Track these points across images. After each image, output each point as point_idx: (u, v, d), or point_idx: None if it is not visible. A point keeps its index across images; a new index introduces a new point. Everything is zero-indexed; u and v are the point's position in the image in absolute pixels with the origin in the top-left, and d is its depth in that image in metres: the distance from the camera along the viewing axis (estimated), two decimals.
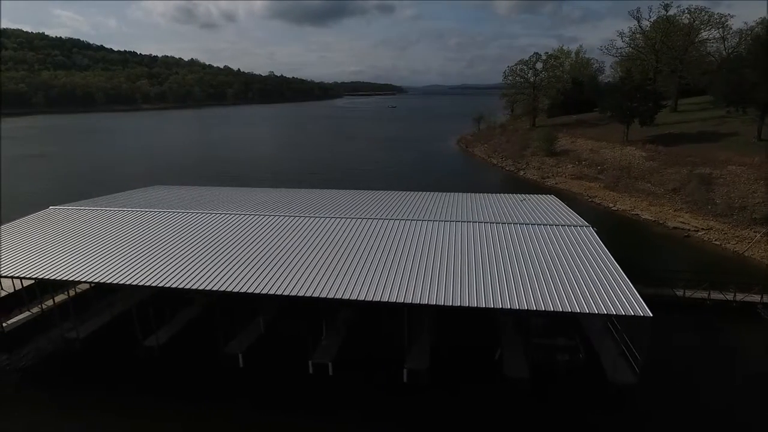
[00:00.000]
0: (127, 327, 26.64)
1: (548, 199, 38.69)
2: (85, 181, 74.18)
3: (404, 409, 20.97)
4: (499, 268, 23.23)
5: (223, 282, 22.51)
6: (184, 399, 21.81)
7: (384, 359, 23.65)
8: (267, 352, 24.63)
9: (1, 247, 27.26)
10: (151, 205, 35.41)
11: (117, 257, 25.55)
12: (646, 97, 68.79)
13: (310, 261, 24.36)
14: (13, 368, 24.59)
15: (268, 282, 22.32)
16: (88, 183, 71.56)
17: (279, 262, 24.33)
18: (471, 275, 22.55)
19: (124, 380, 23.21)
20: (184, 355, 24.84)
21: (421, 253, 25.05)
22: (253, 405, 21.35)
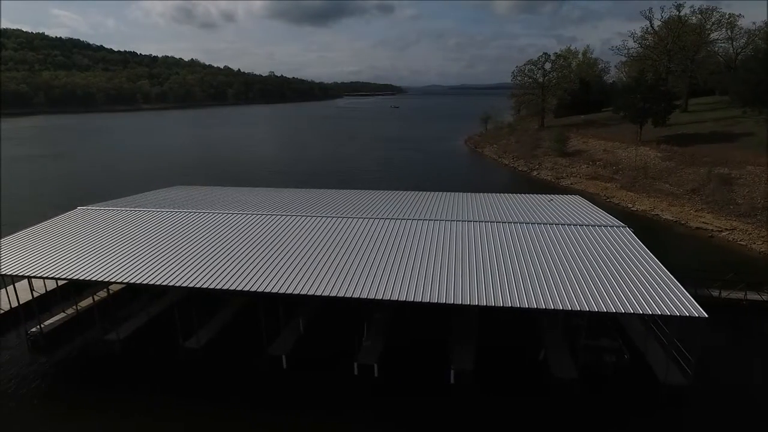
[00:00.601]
0: (166, 328, 26.58)
1: (575, 200, 38.67)
2: (101, 181, 74.19)
3: (452, 411, 20.83)
4: (543, 268, 23.18)
5: (261, 282, 22.53)
6: (229, 402, 21.63)
7: (429, 360, 23.63)
8: (310, 354, 24.48)
9: (31, 248, 27.26)
10: (176, 206, 35.33)
11: (151, 257, 25.56)
12: (660, 97, 68.79)
13: (348, 261, 24.36)
14: (52, 370, 24.41)
15: (309, 282, 22.34)
16: (105, 183, 71.61)
17: (315, 262, 24.34)
18: (516, 276, 22.52)
19: (167, 383, 23.04)
20: (226, 357, 24.70)
21: (460, 254, 25.01)
22: (300, 407, 21.18)
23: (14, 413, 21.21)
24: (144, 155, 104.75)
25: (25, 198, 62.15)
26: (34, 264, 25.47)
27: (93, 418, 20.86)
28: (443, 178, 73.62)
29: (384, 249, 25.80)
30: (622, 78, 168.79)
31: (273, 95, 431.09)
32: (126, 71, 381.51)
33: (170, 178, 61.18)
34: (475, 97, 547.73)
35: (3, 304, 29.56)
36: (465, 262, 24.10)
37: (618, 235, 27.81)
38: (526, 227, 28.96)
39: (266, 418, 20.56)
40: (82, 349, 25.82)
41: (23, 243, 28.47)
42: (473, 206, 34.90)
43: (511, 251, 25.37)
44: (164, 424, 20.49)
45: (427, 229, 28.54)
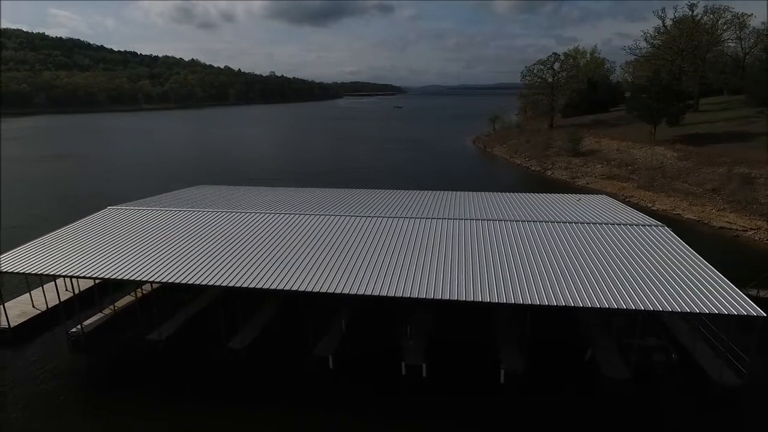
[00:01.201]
0: (207, 328, 26.52)
1: (604, 199, 38.73)
2: (129, 180, 74.34)
3: (505, 411, 20.75)
4: (588, 267, 23.16)
5: (302, 282, 22.59)
6: (277, 403, 21.47)
7: (477, 359, 23.59)
8: (356, 354, 24.39)
9: (66, 247, 27.19)
10: (204, 205, 35.27)
11: (186, 257, 25.58)
12: (675, 97, 68.88)
13: (386, 260, 24.48)
14: (94, 370, 24.29)
15: (349, 281, 22.41)
16: (133, 182, 71.70)
17: (352, 261, 24.41)
18: (563, 274, 22.53)
19: (212, 384, 22.88)
20: (271, 358, 24.58)
21: (501, 252, 25.01)
22: (352, 409, 21.00)
23: (57, 414, 21.05)
24: (162, 155, 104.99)
25: (59, 198, 62.14)
26: (70, 263, 25.43)
27: (135, 418, 20.68)
28: (458, 178, 73.60)
29: (422, 247, 25.83)
30: (627, 78, 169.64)
31: (274, 95, 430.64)
32: (127, 71, 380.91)
33: (192, 178, 61.42)
34: (474, 98, 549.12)
35: (38, 304, 29.40)
36: (507, 260, 24.10)
37: (657, 234, 27.82)
38: (564, 226, 28.94)
39: (317, 420, 20.39)
40: (123, 348, 25.62)
41: (57, 242, 28.40)
42: (505, 205, 34.88)
43: (554, 250, 25.37)
44: (211, 423, 20.32)
45: (462, 228, 28.52)
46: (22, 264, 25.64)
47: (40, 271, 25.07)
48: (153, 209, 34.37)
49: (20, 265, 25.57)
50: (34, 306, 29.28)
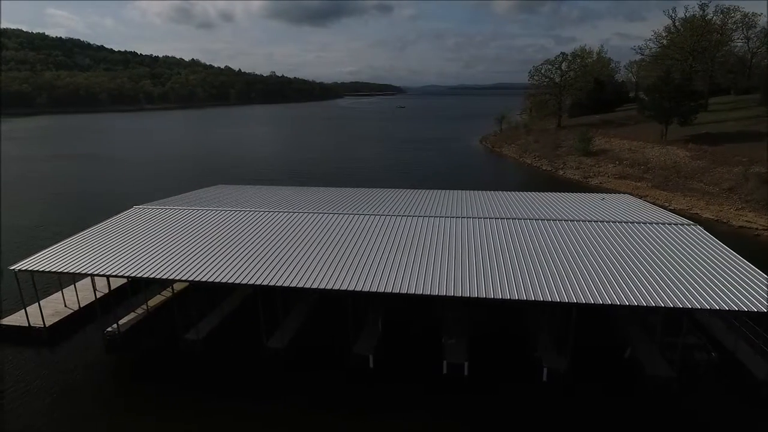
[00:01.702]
0: (244, 327, 26.56)
1: (629, 199, 38.86)
2: (154, 179, 74.44)
3: (549, 410, 20.77)
4: (626, 266, 23.27)
5: (339, 280, 22.75)
6: (319, 402, 21.42)
7: (519, 358, 23.64)
8: (395, 353, 24.41)
9: (97, 246, 27.21)
10: (226, 204, 35.31)
11: (217, 255, 25.70)
12: (687, 96, 69.03)
13: (422, 259, 24.53)
14: (131, 370, 24.26)
15: (385, 280, 22.56)
16: (158, 181, 71.74)
17: (384, 259, 24.57)
18: (604, 273, 22.61)
19: (253, 384, 22.83)
20: (311, 356, 24.58)
21: (535, 251, 25.08)
22: (390, 409, 20.96)
23: (94, 413, 21.00)
24: (177, 155, 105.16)
25: (80, 196, 62.30)
26: (102, 262, 25.47)
27: (172, 418, 20.60)
28: (471, 178, 73.84)
29: (455, 246, 25.94)
30: (630, 78, 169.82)
31: (274, 95, 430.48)
32: (128, 71, 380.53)
33: (210, 178, 61.57)
34: (474, 98, 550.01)
35: (70, 304, 29.40)
36: (544, 259, 24.22)
37: (691, 232, 27.93)
38: (596, 225, 29.02)
39: (361, 420, 20.35)
40: (160, 348, 25.60)
41: (88, 242, 28.42)
42: (531, 204, 34.93)
43: (590, 249, 25.46)
44: (252, 425, 20.25)
45: (495, 228, 28.61)
46: (55, 263, 25.68)
47: (74, 270, 25.11)
48: (178, 208, 34.41)
49: (53, 264, 25.61)
50: (66, 305, 29.27)
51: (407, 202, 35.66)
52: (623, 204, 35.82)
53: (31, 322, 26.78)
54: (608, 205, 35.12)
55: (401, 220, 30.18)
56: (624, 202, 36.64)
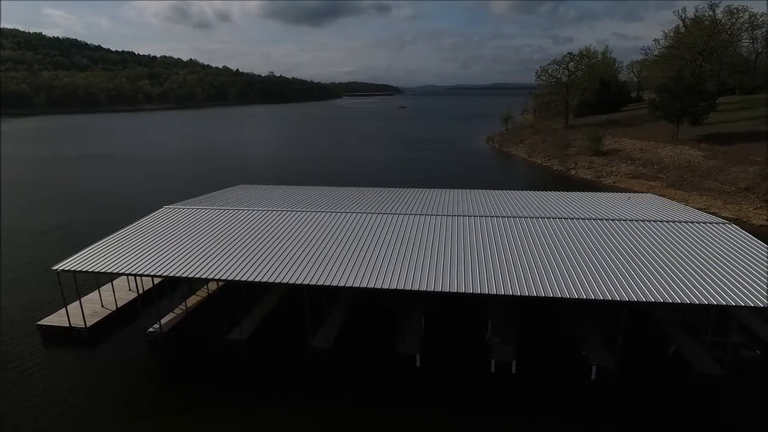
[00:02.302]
0: (286, 326, 26.63)
1: (655, 198, 39.08)
2: (180, 179, 74.36)
3: (599, 408, 20.87)
4: (665, 264, 23.46)
5: (372, 278, 22.93)
6: (368, 402, 21.38)
7: (566, 357, 23.79)
8: (440, 352, 24.49)
9: (131, 246, 27.21)
10: (253, 204, 35.29)
11: (253, 254, 25.79)
12: (699, 96, 69.44)
13: (461, 257, 24.70)
14: (175, 370, 24.21)
15: (426, 278, 22.70)
16: (183, 181, 71.55)
17: (423, 258, 24.67)
18: (643, 272, 22.81)
19: (300, 384, 22.77)
20: (357, 356, 24.61)
21: (576, 250, 25.22)
22: (441, 408, 21.01)
23: (139, 415, 20.92)
24: (192, 154, 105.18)
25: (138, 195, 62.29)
26: (140, 262, 25.48)
27: (221, 419, 20.54)
28: (484, 177, 74.13)
29: (494, 245, 26.10)
30: (632, 78, 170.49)
31: (274, 95, 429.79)
32: (126, 71, 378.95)
33: (234, 177, 61.78)
34: (472, 98, 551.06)
35: (107, 304, 29.36)
36: (586, 258, 24.36)
37: (728, 231, 28.10)
38: (629, 224, 29.16)
39: (410, 421, 20.31)
40: (204, 348, 25.57)
41: (124, 242, 28.39)
42: (560, 203, 35.02)
43: (629, 247, 25.61)
44: (301, 425, 20.21)
45: (531, 226, 28.72)
46: (96, 263, 25.63)
47: (116, 270, 25.05)
48: (207, 208, 34.37)
49: (94, 264, 25.56)
50: (103, 305, 29.23)
51: (433, 201, 35.77)
52: (651, 203, 36.06)
53: (71, 322, 26.73)
54: (637, 204, 35.31)
55: (434, 219, 30.25)
56: (651, 202, 36.88)
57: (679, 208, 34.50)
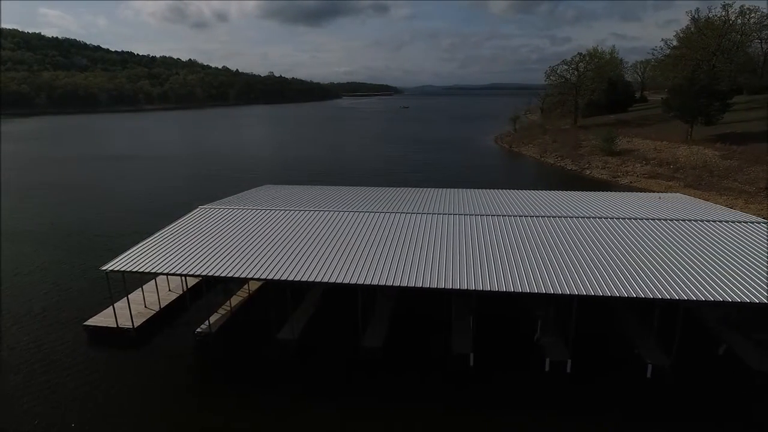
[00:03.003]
0: (333, 326, 26.71)
1: (686, 198, 39.24)
2: (216, 178, 74.56)
3: (654, 406, 21.02)
4: (706, 262, 23.61)
5: (416, 277, 23.05)
6: (421, 403, 21.43)
7: (620, 356, 23.93)
8: (495, 351, 24.59)
9: (172, 246, 27.20)
10: (285, 204, 35.21)
11: (294, 254, 25.84)
12: (713, 96, 69.85)
13: (512, 256, 24.81)
14: (228, 371, 24.12)
15: (471, 276, 22.94)
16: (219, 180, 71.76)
17: (465, 257, 24.78)
18: (688, 270, 23.00)
19: (355, 385, 22.82)
20: (408, 356, 24.66)
21: (625, 249, 25.34)
22: (502, 406, 21.14)
23: (192, 416, 20.86)
24: (212, 155, 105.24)
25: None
26: (187, 262, 25.46)
27: (275, 419, 20.50)
28: (500, 177, 74.41)
29: (539, 244, 26.17)
30: (637, 78, 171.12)
31: (274, 96, 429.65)
32: (126, 71, 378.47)
33: (261, 178, 62.26)
34: (470, 98, 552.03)
35: (150, 304, 29.36)
36: (631, 256, 24.49)
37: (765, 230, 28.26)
38: (667, 223, 29.23)
39: (461, 422, 20.37)
40: (254, 348, 25.56)
41: (167, 242, 28.38)
42: (594, 203, 35.04)
43: (670, 246, 25.74)
44: (360, 426, 20.21)
45: (576, 226, 28.74)
46: (143, 263, 25.63)
47: (164, 270, 24.98)
48: (241, 208, 34.32)
49: (141, 264, 25.57)
50: (146, 306, 29.22)
51: (463, 201, 35.66)
52: (683, 203, 36.21)
53: (119, 322, 26.74)
54: (670, 204, 35.45)
55: (469, 219, 30.11)
56: (683, 201, 37.04)
57: (713, 208, 34.67)
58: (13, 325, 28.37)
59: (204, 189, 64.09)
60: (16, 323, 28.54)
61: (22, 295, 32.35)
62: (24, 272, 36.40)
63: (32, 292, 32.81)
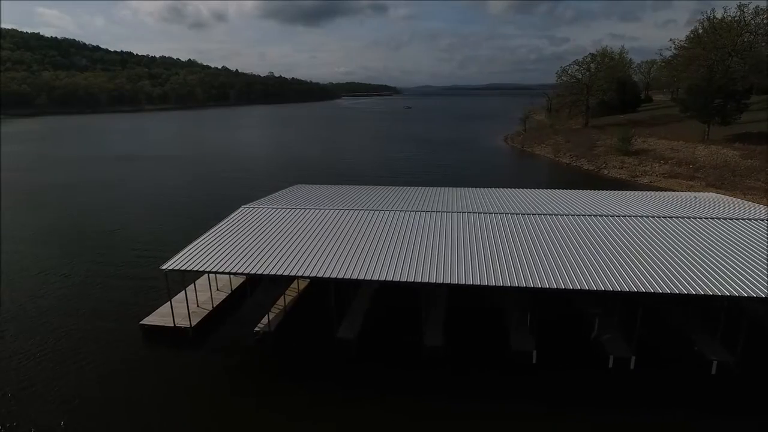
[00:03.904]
0: (390, 324, 26.82)
1: (721, 197, 39.53)
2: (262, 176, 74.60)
3: (719, 403, 21.23)
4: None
5: (468, 274, 23.27)
6: (488, 401, 21.56)
7: (683, 352, 24.15)
8: (560, 349, 24.76)
9: (222, 245, 27.26)
10: (322, 204, 35.21)
11: (343, 252, 26.03)
12: (730, 96, 70.30)
13: (567, 255, 25.00)
14: (286, 370, 24.18)
15: (527, 275, 23.12)
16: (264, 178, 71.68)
17: (519, 256, 24.98)
18: (738, 268, 23.22)
19: (417, 384, 22.80)
20: (467, 354, 24.80)
21: (678, 248, 25.56)
22: (559, 402, 21.31)
23: (256, 416, 20.82)
24: (230, 155, 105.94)
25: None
26: (243, 261, 25.55)
27: (334, 418, 20.55)
28: (521, 177, 74.78)
29: (593, 242, 26.42)
30: (641, 78, 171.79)
31: (274, 96, 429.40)
32: (126, 72, 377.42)
33: (293, 177, 62.56)
34: (469, 98, 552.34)
35: (202, 303, 29.39)
36: (683, 255, 24.76)
37: None
38: (712, 222, 29.43)
39: (530, 415, 20.55)
40: (315, 346, 25.60)
41: (218, 241, 28.43)
42: (635, 203, 35.14)
43: (720, 245, 25.99)
44: (425, 425, 20.21)
45: (625, 225, 28.92)
46: (200, 262, 25.69)
47: (223, 269, 25.04)
48: (283, 208, 34.33)
49: (198, 263, 25.63)
50: (198, 305, 29.24)
51: (496, 200, 35.93)
52: (720, 202, 36.48)
53: (176, 321, 26.78)
54: (708, 203, 35.68)
55: (508, 218, 30.30)
56: (719, 200, 37.32)
57: (752, 207, 34.94)
58: (64, 323, 28.39)
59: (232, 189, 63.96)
60: (65, 322, 28.57)
61: (71, 296, 32.39)
62: (64, 273, 36.42)
63: (78, 292, 32.86)
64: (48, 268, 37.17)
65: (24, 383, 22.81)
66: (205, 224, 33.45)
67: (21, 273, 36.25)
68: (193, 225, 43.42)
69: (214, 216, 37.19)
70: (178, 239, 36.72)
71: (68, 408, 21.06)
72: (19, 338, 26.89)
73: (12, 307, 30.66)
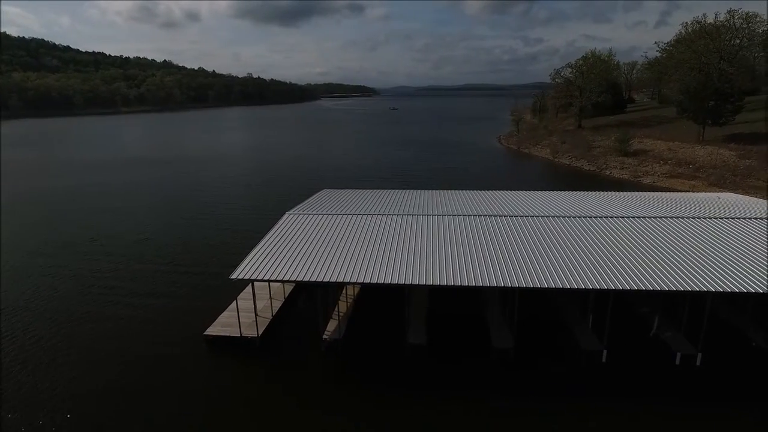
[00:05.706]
0: (457, 328, 27.20)
1: (742, 198, 41.17)
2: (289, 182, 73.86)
3: None
4: None
5: (526, 277, 23.92)
6: (557, 400, 22.19)
7: (748, 350, 25.27)
8: (631, 348, 25.56)
9: (276, 253, 27.24)
10: (361, 210, 35.31)
11: (393, 258, 26.40)
12: (727, 98, 73.10)
13: (604, 255, 25.94)
14: (357, 376, 24.34)
15: (588, 276, 23.87)
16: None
17: (570, 258, 25.78)
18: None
19: (485, 384, 23.34)
20: (535, 355, 25.40)
21: (718, 247, 26.68)
22: (626, 399, 22.11)
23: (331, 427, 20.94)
24: (238, 157, 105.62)
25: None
26: (305, 269, 25.64)
27: (408, 423, 20.84)
28: (526, 179, 76.01)
29: (634, 242, 27.35)
30: (623, 79, 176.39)
31: (253, 97, 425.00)
32: (100, 73, 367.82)
33: (311, 182, 64.37)
34: (445, 99, 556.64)
35: (261, 312, 29.20)
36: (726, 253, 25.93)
37: None
38: (749, 222, 30.77)
39: (603, 413, 21.26)
40: (387, 352, 25.78)
41: (276, 249, 28.34)
42: (659, 205, 36.09)
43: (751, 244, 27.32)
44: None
45: (659, 226, 29.89)
46: (266, 271, 25.60)
47: (289, 278, 25.11)
48: (325, 215, 34.32)
49: (265, 272, 25.54)
50: (257, 314, 29.01)
51: (526, 204, 36.69)
52: (742, 202, 38.05)
53: (242, 331, 26.62)
54: (735, 204, 37.13)
55: (551, 221, 31.12)
56: (740, 201, 38.93)
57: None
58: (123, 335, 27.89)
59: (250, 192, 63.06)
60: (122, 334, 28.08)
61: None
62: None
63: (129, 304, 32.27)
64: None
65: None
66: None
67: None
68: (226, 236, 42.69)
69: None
70: (178, 247, 35.92)
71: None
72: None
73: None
